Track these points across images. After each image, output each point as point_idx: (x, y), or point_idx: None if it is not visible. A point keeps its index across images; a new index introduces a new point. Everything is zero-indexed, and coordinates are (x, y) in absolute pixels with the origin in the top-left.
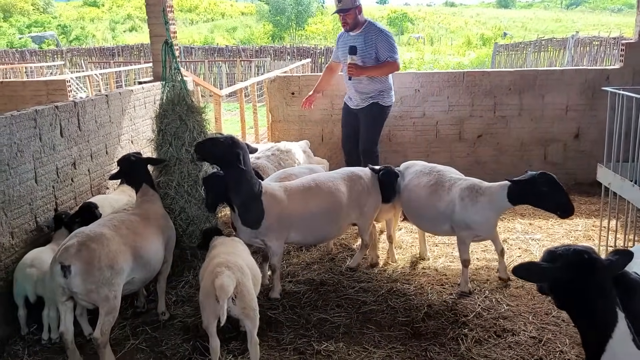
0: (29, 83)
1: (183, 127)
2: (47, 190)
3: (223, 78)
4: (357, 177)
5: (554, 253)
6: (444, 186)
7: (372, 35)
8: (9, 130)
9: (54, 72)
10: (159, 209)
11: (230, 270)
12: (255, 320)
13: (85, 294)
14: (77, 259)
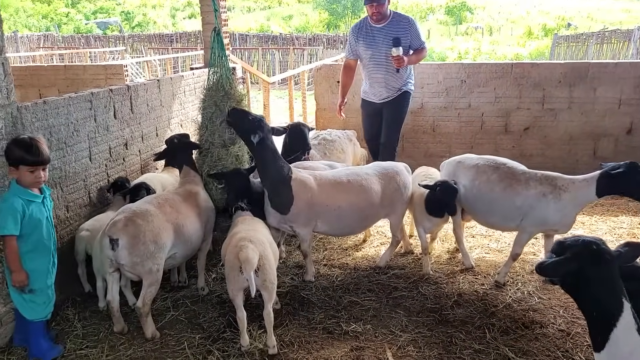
0: (89, 67)
1: (217, 113)
2: (100, 168)
3: (276, 65)
4: (394, 173)
5: (563, 244)
6: (520, 180)
7: (404, 25)
8: (67, 110)
9: (116, 57)
10: (200, 190)
11: (254, 244)
12: (272, 293)
13: (131, 266)
14: (124, 233)
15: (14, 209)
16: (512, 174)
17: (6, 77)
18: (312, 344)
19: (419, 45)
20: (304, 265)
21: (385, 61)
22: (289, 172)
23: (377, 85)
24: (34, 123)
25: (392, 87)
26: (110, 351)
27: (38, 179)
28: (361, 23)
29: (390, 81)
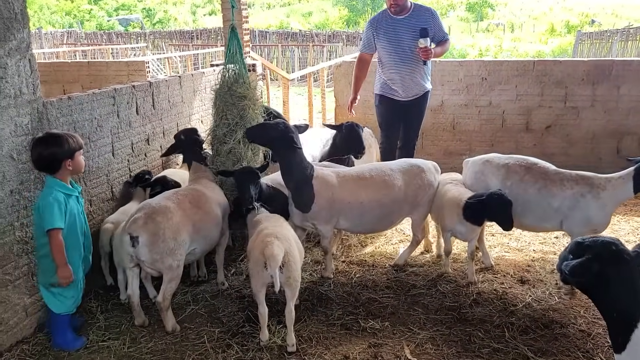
0: (112, 64)
1: (226, 110)
2: (123, 163)
3: (295, 62)
4: (419, 170)
5: (582, 245)
6: (554, 180)
7: (426, 16)
8: (90, 106)
9: (137, 54)
10: (215, 184)
11: (279, 240)
12: (295, 290)
13: (151, 262)
14: (144, 230)
15: (59, 202)
16: (545, 173)
17: (32, 73)
18: (330, 340)
19: (442, 37)
20: (322, 262)
21: (410, 54)
22: (311, 171)
23: (401, 81)
24: (59, 118)
25: (417, 83)
26: (132, 343)
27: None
28: (380, 15)
29: (416, 76)
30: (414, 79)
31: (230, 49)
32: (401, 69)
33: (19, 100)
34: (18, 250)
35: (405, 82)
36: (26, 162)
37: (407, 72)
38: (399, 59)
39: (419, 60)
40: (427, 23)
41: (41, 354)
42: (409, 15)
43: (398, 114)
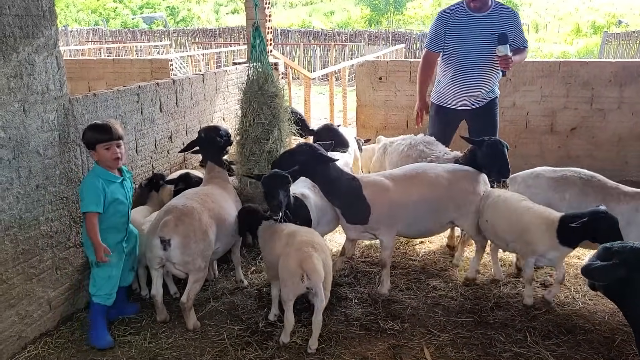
0: (136, 61)
1: (259, 109)
2: (146, 160)
3: (317, 61)
4: (465, 174)
5: (610, 250)
6: (612, 195)
7: (507, 18)
8: (115, 103)
9: (161, 52)
10: (229, 184)
11: (317, 251)
12: (326, 301)
13: (183, 264)
14: (176, 233)
15: (95, 187)
16: (604, 187)
17: (60, 70)
18: (350, 340)
19: (522, 44)
20: (345, 261)
21: (483, 58)
22: (357, 182)
23: (465, 88)
24: (84, 115)
25: (484, 91)
26: (152, 339)
27: (115, 155)
28: (455, 8)
29: (484, 85)
30: (480, 87)
31: (255, 48)
32: (468, 74)
33: (46, 97)
34: (43, 244)
35: (469, 88)
36: (52, 158)
37: (474, 77)
38: (468, 62)
39: (493, 67)
40: (508, 26)
41: (64, 347)
42: (489, 14)
43: (453, 125)
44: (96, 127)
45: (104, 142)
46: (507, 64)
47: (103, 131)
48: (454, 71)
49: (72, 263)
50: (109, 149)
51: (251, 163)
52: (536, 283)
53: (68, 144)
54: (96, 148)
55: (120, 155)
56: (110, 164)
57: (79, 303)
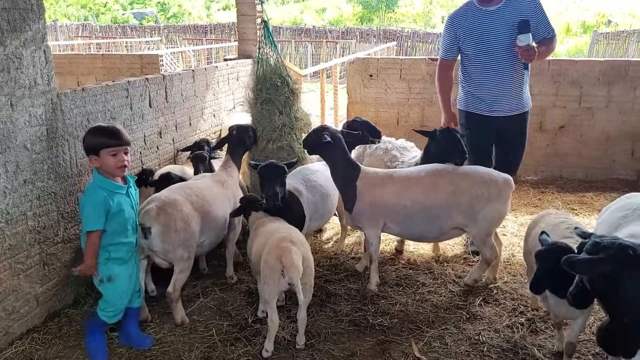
0: (126, 57)
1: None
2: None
3: (308, 58)
4: (482, 179)
5: (599, 244)
6: None
7: (526, 4)
8: (104, 98)
9: (151, 48)
10: (229, 179)
11: (296, 245)
12: (309, 296)
13: (163, 253)
14: (156, 221)
15: (95, 203)
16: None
17: (47, 64)
18: (339, 336)
19: (547, 34)
20: (332, 257)
21: (507, 56)
22: (356, 171)
23: (494, 93)
24: (73, 110)
25: (515, 95)
26: None
27: (121, 162)
28: (464, 10)
29: (513, 86)
30: (511, 89)
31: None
32: (494, 77)
33: (34, 91)
34: (30, 239)
35: (499, 93)
36: (40, 153)
37: (502, 80)
38: (490, 64)
39: (517, 64)
40: (528, 13)
41: (51, 343)
42: (503, 5)
43: (490, 136)
44: (102, 131)
45: (111, 148)
46: (529, 56)
47: (110, 135)
48: (473, 76)
49: (59, 259)
50: (115, 156)
51: (261, 159)
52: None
53: (56, 139)
54: (100, 153)
55: (127, 163)
56: (114, 172)
57: (66, 299)
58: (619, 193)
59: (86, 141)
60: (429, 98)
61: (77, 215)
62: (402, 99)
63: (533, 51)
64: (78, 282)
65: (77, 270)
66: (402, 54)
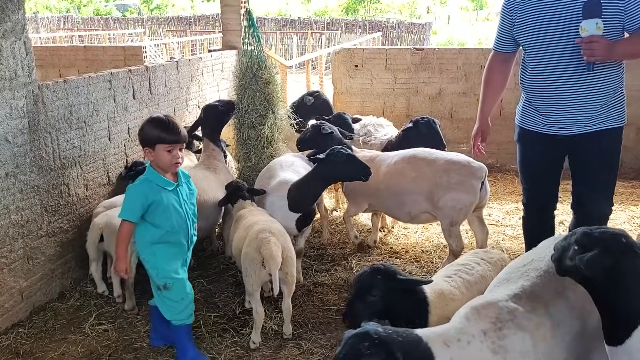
0: (109, 48)
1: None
2: (119, 148)
3: (294, 50)
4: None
5: (591, 235)
6: None
7: None
8: (87, 90)
9: (135, 40)
10: (219, 164)
11: (275, 236)
12: (292, 286)
13: None
14: None
15: (138, 194)
16: None
17: (28, 56)
18: (326, 325)
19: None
20: (320, 248)
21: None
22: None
23: (563, 103)
24: (55, 102)
25: (595, 106)
26: (128, 327)
27: (176, 159)
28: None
29: (593, 93)
30: (588, 97)
31: (246, 34)
32: (562, 80)
33: (14, 83)
34: (14, 233)
35: (570, 103)
36: (22, 145)
37: (575, 85)
38: (554, 60)
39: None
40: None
41: (37, 337)
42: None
43: (554, 158)
44: (163, 124)
45: (169, 144)
46: (591, 51)
47: (170, 130)
48: (534, 78)
49: (44, 252)
50: (171, 152)
51: (248, 147)
52: None
53: (38, 132)
54: (156, 147)
55: (181, 160)
56: (167, 168)
57: (52, 293)
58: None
59: (143, 132)
60: (415, 88)
61: (61, 209)
62: (388, 89)
63: (600, 45)
64: (63, 276)
65: (113, 271)
66: (388, 45)
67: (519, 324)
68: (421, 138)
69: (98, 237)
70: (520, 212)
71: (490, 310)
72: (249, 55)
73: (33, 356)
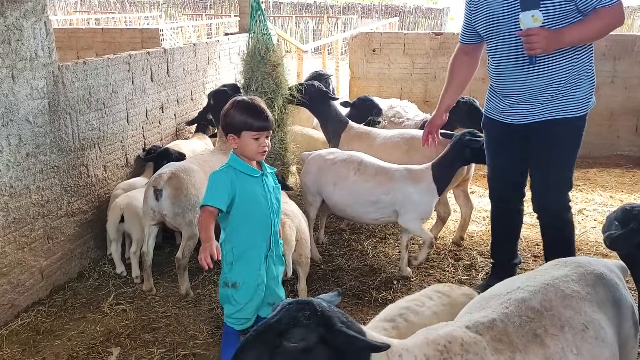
0: (126, 31)
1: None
2: (137, 130)
3: (309, 34)
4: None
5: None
6: None
7: None
8: (106, 72)
9: (150, 23)
10: None
11: (290, 219)
12: (306, 267)
13: (173, 216)
14: (168, 184)
15: (220, 182)
16: None
17: (48, 36)
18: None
19: (599, 3)
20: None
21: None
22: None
23: (512, 92)
24: (74, 83)
25: (540, 92)
26: (146, 307)
27: (262, 147)
28: None
29: (542, 81)
30: (538, 87)
31: (253, 17)
32: (513, 70)
33: (35, 64)
34: (34, 213)
35: (522, 92)
36: (42, 126)
37: (524, 75)
38: (508, 52)
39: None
40: None
41: (57, 315)
42: None
43: (513, 144)
44: (251, 110)
45: (256, 131)
46: (530, 44)
47: (260, 117)
48: (492, 67)
49: (63, 232)
50: (258, 139)
51: None
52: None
53: (58, 112)
54: (242, 135)
55: (267, 149)
56: (253, 156)
57: (71, 272)
58: (622, 169)
59: (229, 117)
60: (433, 73)
61: (80, 190)
62: (405, 74)
63: (538, 37)
64: (82, 256)
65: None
66: (404, 30)
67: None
68: (462, 118)
69: (119, 217)
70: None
71: (443, 337)
72: (257, 37)
73: (53, 334)
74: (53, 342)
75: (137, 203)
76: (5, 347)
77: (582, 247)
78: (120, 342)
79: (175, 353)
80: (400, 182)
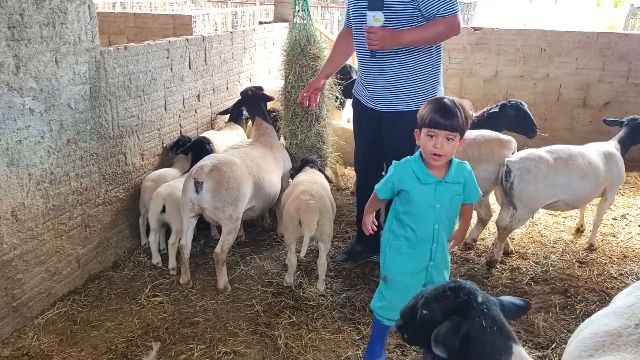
0: (158, 16)
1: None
2: (174, 118)
3: (334, 25)
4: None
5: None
6: None
7: None
8: (146, 58)
9: (175, 9)
10: (275, 141)
11: (315, 200)
12: (328, 244)
13: (213, 210)
14: (210, 177)
15: (394, 174)
16: None
17: (92, 20)
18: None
19: (439, 11)
20: None
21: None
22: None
23: (366, 80)
24: (115, 69)
25: (385, 87)
26: (184, 301)
27: (434, 150)
28: None
29: (388, 75)
30: (384, 79)
31: (297, 6)
32: (365, 61)
33: (78, 48)
34: (73, 200)
35: (373, 82)
36: (83, 112)
37: (372, 67)
38: (362, 44)
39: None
40: None
41: (92, 305)
42: None
43: (371, 123)
44: (440, 105)
45: (428, 127)
46: (374, 41)
47: (437, 112)
48: (357, 55)
49: (101, 221)
50: (432, 138)
51: (295, 123)
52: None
53: (99, 99)
54: (421, 130)
55: (443, 152)
56: (426, 156)
57: (107, 261)
58: None
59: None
60: (469, 69)
61: (118, 177)
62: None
63: (377, 36)
64: (117, 245)
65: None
66: None
67: None
68: (509, 120)
69: (161, 207)
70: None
71: None
72: (298, 29)
73: (90, 324)
74: (90, 334)
75: (179, 194)
76: (42, 337)
77: (628, 253)
78: (159, 336)
79: (216, 350)
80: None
